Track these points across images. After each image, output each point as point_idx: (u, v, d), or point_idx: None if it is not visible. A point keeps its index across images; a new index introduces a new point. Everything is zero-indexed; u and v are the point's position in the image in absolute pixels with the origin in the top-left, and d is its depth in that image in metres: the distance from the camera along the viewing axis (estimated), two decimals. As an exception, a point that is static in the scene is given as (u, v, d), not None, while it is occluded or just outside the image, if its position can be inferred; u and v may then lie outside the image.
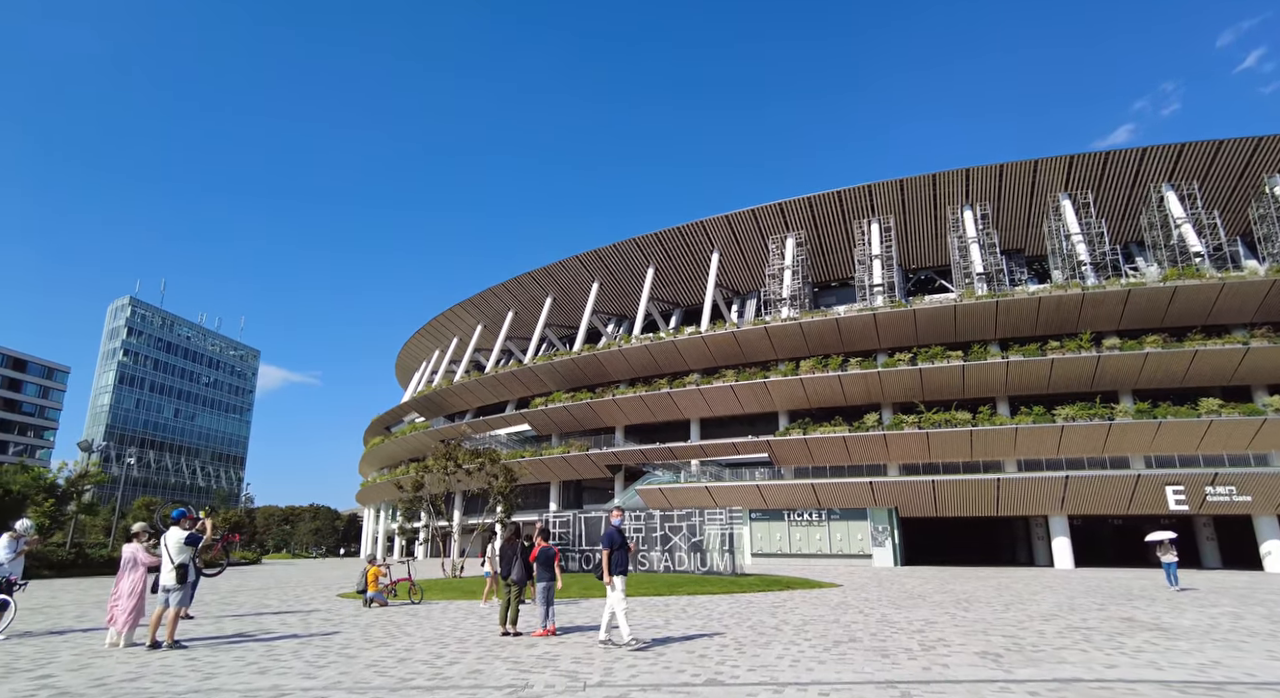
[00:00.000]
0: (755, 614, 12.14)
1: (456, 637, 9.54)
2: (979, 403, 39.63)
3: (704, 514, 21.72)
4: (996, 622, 10.94)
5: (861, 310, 41.02)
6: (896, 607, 13.44)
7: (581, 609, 13.33)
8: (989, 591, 17.82)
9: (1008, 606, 13.71)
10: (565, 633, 9.84)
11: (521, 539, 10.16)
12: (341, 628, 10.79)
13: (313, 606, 15.02)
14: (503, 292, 60.47)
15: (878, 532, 34.32)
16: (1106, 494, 32.26)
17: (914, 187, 44.28)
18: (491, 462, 25.88)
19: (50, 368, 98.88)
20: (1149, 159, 40.10)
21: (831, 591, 17.81)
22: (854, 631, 9.83)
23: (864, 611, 12.72)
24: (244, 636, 9.96)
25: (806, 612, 12.58)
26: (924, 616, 11.82)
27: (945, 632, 9.74)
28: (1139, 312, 36.84)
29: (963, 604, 13.98)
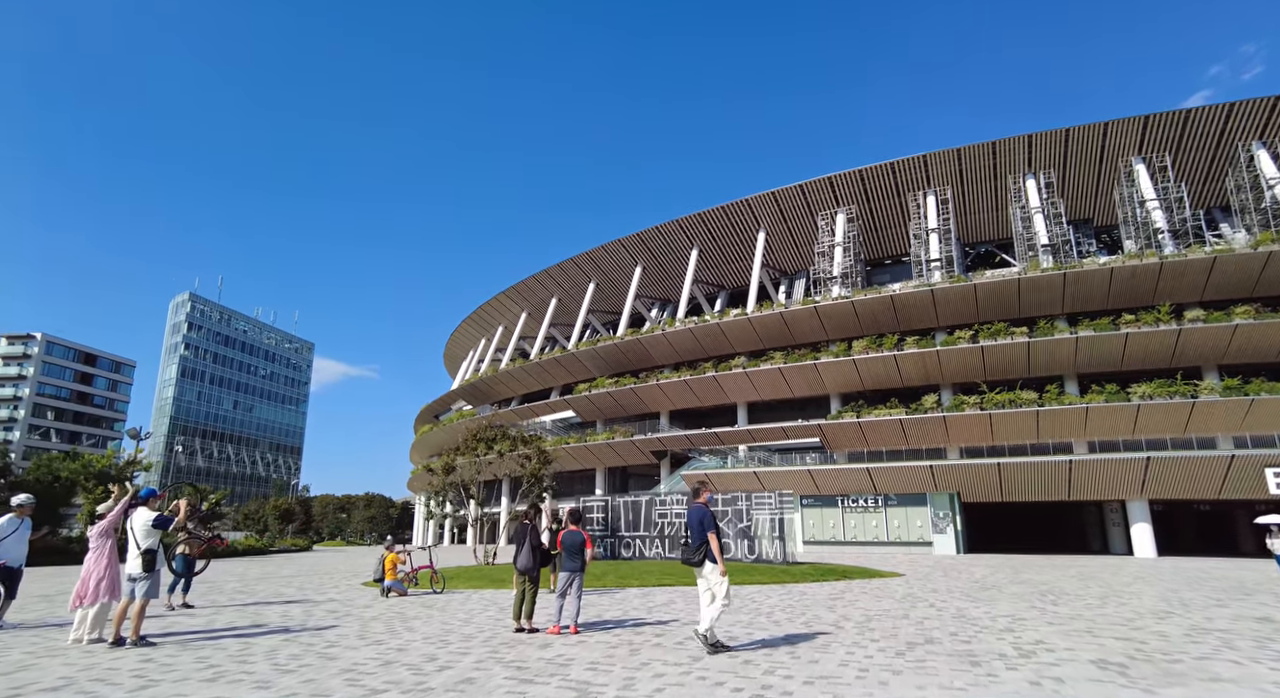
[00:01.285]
0: (810, 608, 10.94)
1: (464, 634, 8.58)
2: (1045, 382, 37.32)
3: (752, 498, 20.38)
4: (1099, 620, 9.41)
5: (918, 287, 39.05)
6: (972, 599, 12.10)
7: (615, 601, 12.30)
8: (1072, 581, 16.19)
9: (1102, 600, 12.12)
10: (590, 630, 8.79)
11: (536, 520, 9.03)
12: (343, 621, 9.88)
13: (329, 595, 14.15)
14: (546, 279, 60.05)
15: (938, 518, 32.62)
16: (1194, 477, 29.74)
17: (972, 155, 41.88)
18: (524, 443, 25.08)
19: (118, 362, 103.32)
20: (1237, 115, 36.90)
21: (893, 580, 16.44)
22: (929, 629, 8.57)
23: (935, 604, 11.31)
24: (232, 629, 9.07)
25: (869, 605, 11.26)
26: (1007, 610, 10.44)
27: (1040, 631, 8.37)
28: (1226, 281, 34.01)
29: (1048, 597, 12.52)
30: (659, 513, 20.71)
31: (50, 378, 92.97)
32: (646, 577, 16.29)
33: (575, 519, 9.11)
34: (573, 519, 9.14)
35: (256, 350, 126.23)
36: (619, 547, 21.35)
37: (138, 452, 32.53)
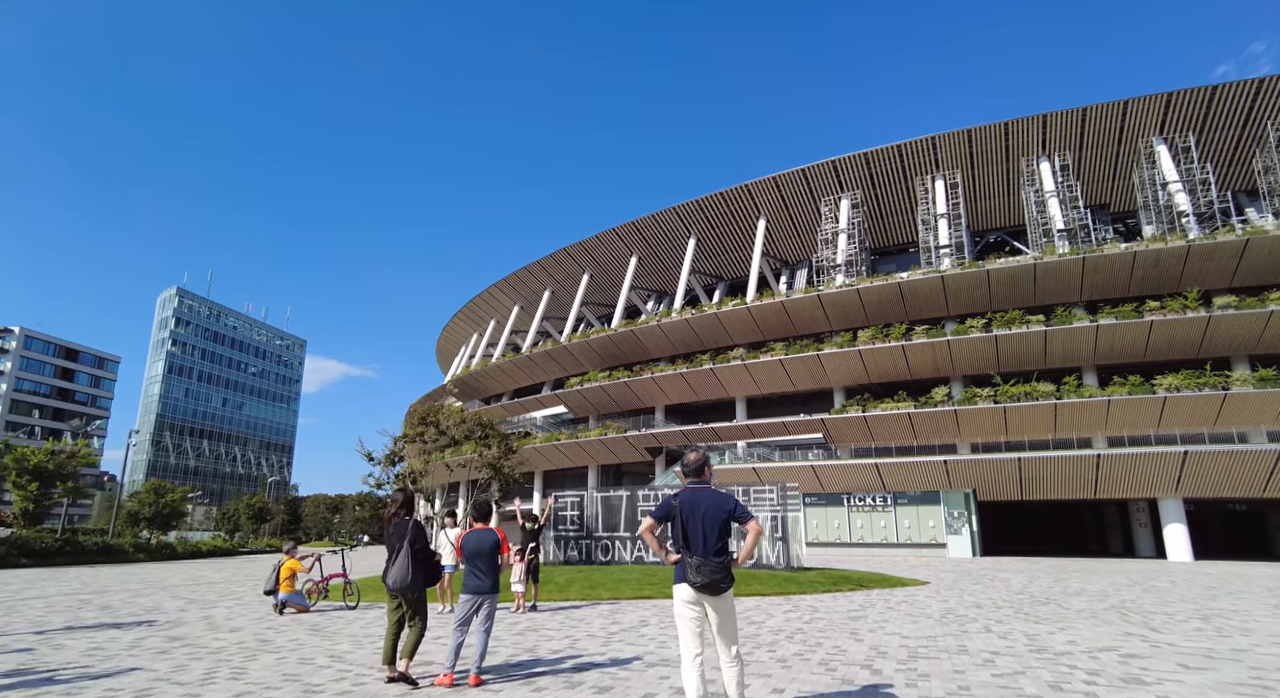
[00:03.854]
0: (828, 634, 8.34)
1: (310, 684, 5.79)
2: (1063, 373, 35.14)
3: (749, 493, 17.78)
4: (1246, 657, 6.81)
5: (927, 273, 36.88)
6: (1033, 619, 9.55)
7: (569, 621, 9.59)
8: (1135, 592, 13.70)
9: (1205, 619, 9.52)
10: (506, 677, 6.02)
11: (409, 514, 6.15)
12: (155, 661, 6.93)
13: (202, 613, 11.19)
14: (538, 270, 57.88)
15: (953, 518, 30.40)
16: (1235, 473, 27.44)
17: (983, 136, 39.71)
18: (483, 428, 22.67)
19: (101, 358, 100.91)
20: (1266, 92, 34.74)
21: (919, 591, 13.96)
22: (1015, 680, 5.76)
23: (991, 628, 8.72)
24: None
25: (903, 628, 8.67)
26: (1094, 638, 7.91)
27: (1185, 683, 5.67)
28: (1258, 265, 31.86)
29: (1129, 615, 9.95)
30: (642, 511, 18.34)
31: (29, 373, 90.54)
32: (620, 587, 13.88)
33: (483, 515, 6.33)
34: (479, 514, 6.33)
35: (247, 347, 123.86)
36: (595, 550, 18.86)
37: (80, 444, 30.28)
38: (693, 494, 4.46)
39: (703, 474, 4.63)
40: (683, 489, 4.60)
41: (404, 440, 21.98)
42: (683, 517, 4.38)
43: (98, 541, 26.98)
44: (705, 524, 4.32)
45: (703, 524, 4.32)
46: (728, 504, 4.39)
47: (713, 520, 4.32)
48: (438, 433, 21.71)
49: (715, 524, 4.32)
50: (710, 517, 4.33)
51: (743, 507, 4.42)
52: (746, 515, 4.32)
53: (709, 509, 4.36)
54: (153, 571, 22.98)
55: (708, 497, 4.44)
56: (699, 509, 4.36)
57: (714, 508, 4.37)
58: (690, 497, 4.43)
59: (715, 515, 4.33)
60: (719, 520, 4.33)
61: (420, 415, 22.24)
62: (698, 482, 4.57)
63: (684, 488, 4.59)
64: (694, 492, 4.47)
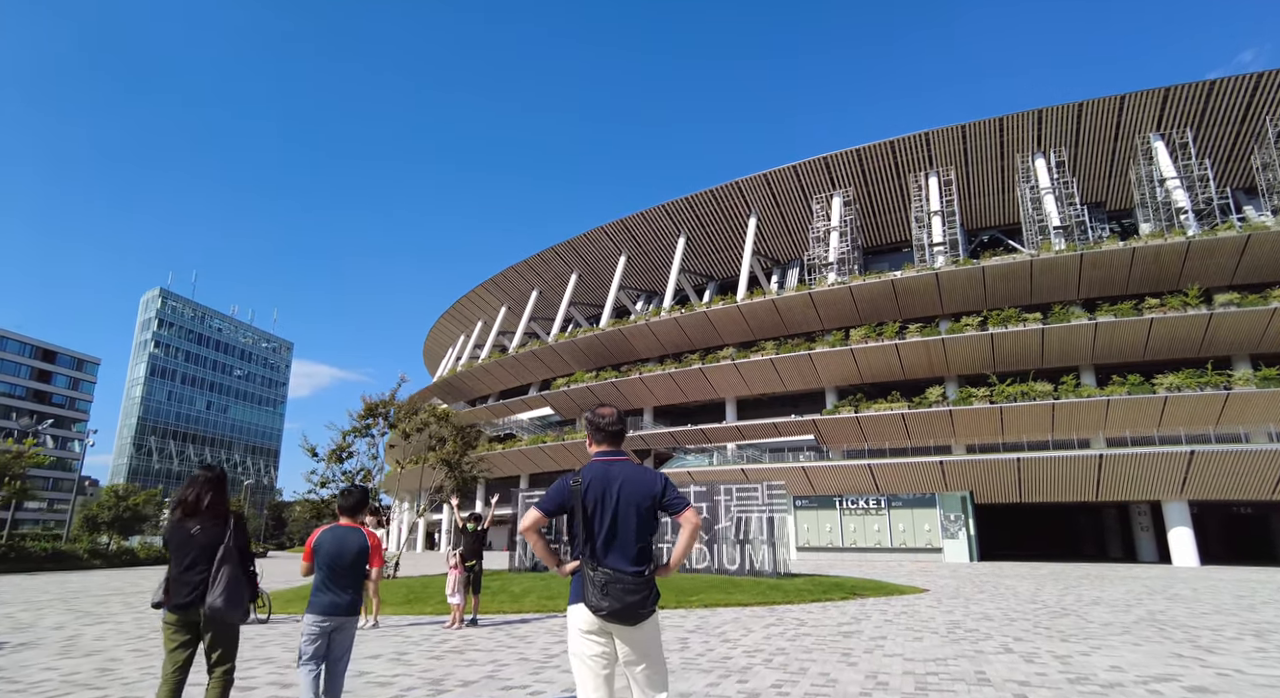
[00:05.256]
0: (815, 655, 7.05)
1: None
2: (1060, 373, 34.24)
3: (733, 492, 16.37)
4: None
5: (921, 271, 35.95)
6: (1056, 635, 8.30)
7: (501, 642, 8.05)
8: (1159, 601, 12.40)
9: (1259, 636, 8.25)
10: None
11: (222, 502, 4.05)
12: None
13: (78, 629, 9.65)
14: (526, 270, 56.71)
15: (949, 521, 29.32)
16: (1244, 475, 26.42)
17: (977, 132, 38.90)
18: (438, 420, 21.40)
19: (80, 359, 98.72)
20: (1265, 87, 34.06)
21: (918, 599, 12.74)
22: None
23: (1010, 646, 7.45)
24: None
25: (905, 648, 7.39)
26: (1144, 663, 6.53)
27: None
28: (1259, 262, 31.08)
29: (1165, 631, 8.64)
30: None
31: (3, 375, 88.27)
32: None
33: (353, 507, 4.60)
34: (347, 509, 4.60)
35: (232, 349, 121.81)
36: (565, 554, 17.40)
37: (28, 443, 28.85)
38: (604, 471, 2.99)
39: (618, 441, 3.15)
40: (589, 463, 3.10)
41: (353, 434, 20.61)
42: (586, 504, 2.92)
43: (46, 546, 25.43)
44: (619, 515, 2.90)
45: (615, 515, 2.90)
46: (654, 485, 2.98)
47: (631, 509, 2.91)
48: (389, 426, 20.40)
49: (634, 515, 2.91)
50: (628, 504, 2.91)
51: (675, 489, 3.01)
52: (680, 502, 2.96)
53: (626, 493, 2.93)
54: (91, 578, 21.35)
55: (625, 475, 2.98)
56: (611, 493, 2.93)
57: (634, 491, 2.93)
58: (599, 475, 2.98)
59: (635, 502, 2.92)
60: (641, 509, 2.92)
61: (369, 407, 20.89)
62: (611, 452, 3.10)
63: (591, 461, 3.10)
64: (606, 467, 3.01)
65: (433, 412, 21.58)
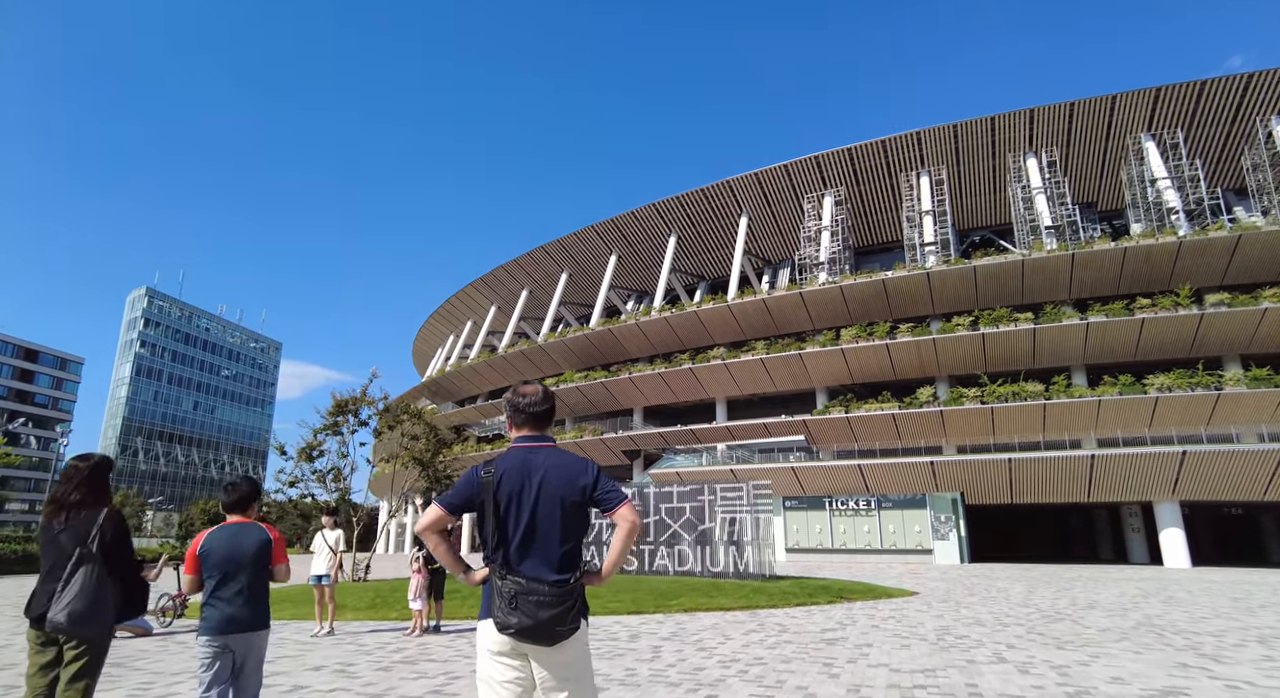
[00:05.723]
0: (793, 665, 6.56)
1: None
2: (1051, 373, 34.03)
3: (717, 491, 15.90)
4: None
5: (912, 271, 35.73)
6: (1053, 643, 7.80)
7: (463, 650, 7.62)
8: (1157, 605, 11.95)
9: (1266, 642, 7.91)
10: None
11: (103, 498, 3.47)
12: None
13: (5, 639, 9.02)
14: (516, 269, 56.25)
15: (940, 522, 29.02)
16: (1236, 475, 26.15)
17: (969, 132, 38.73)
18: (412, 418, 20.90)
19: (64, 359, 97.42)
20: (1255, 87, 34.03)
21: (907, 602, 12.35)
22: None
23: (1004, 655, 6.98)
24: None
25: (891, 657, 6.93)
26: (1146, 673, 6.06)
27: None
28: (1250, 263, 30.99)
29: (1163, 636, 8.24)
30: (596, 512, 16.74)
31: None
32: None
33: (240, 504, 3.73)
34: (232, 504, 3.74)
35: (219, 349, 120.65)
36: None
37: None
38: (523, 460, 2.48)
39: (543, 424, 2.63)
40: (507, 451, 2.59)
41: (324, 432, 20.04)
42: (499, 499, 2.43)
43: (17, 548, 24.74)
44: (540, 512, 2.41)
45: (534, 512, 2.41)
46: (583, 476, 2.48)
47: (554, 505, 2.42)
48: (359, 423, 19.85)
49: (558, 512, 2.42)
50: (551, 498, 2.42)
51: (610, 481, 2.53)
52: (615, 496, 2.47)
53: (549, 486, 2.43)
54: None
55: (549, 464, 2.48)
56: (531, 486, 2.43)
57: (558, 483, 2.44)
58: (517, 464, 2.47)
59: (560, 496, 2.43)
60: (566, 505, 2.43)
61: (338, 404, 20.32)
62: (534, 437, 2.59)
63: (509, 449, 2.60)
64: (526, 455, 2.50)
65: (405, 409, 21.07)
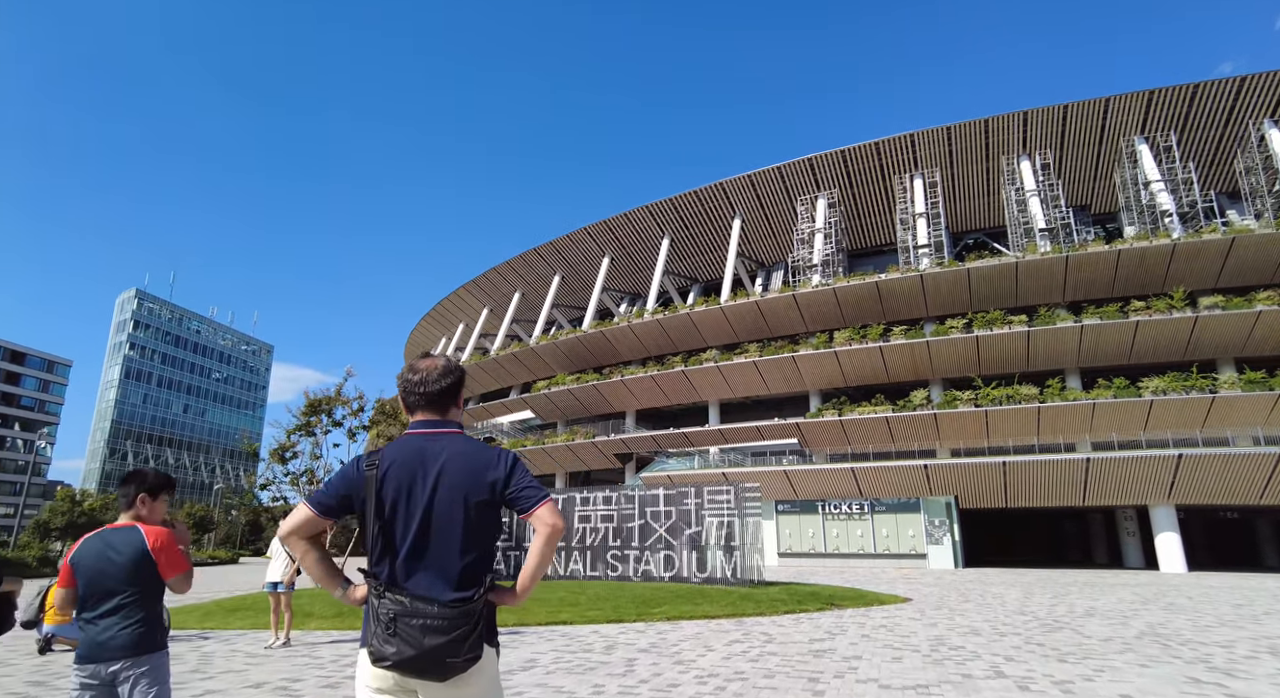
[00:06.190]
0: (776, 682, 6.09)
1: None
2: (1046, 376, 33.83)
3: (704, 494, 15.45)
4: None
5: (906, 273, 35.51)
6: (1053, 654, 7.36)
7: None
8: (1158, 613, 11.52)
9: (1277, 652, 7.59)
10: None
11: None
12: None
13: None
14: (508, 271, 55.86)
15: (933, 526, 28.74)
16: (1232, 478, 25.90)
17: (963, 134, 38.60)
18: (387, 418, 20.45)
19: (51, 361, 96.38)
20: (1248, 91, 33.99)
21: (899, 609, 11.97)
22: None
23: (1001, 668, 6.54)
24: None
25: (882, 671, 6.45)
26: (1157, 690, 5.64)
27: None
28: (1244, 265, 30.87)
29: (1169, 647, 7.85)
30: (579, 515, 16.18)
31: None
32: (534, 609, 11.20)
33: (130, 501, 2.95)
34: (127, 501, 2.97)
35: (210, 352, 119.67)
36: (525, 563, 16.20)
37: None
38: (417, 449, 2.00)
39: (444, 405, 2.11)
40: (399, 438, 2.11)
41: (297, 432, 19.58)
42: (384, 496, 1.96)
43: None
44: (436, 513, 1.95)
45: (429, 513, 1.95)
46: (493, 469, 2.00)
47: (456, 504, 1.96)
48: (333, 424, 19.39)
49: (460, 513, 1.96)
50: (451, 497, 1.96)
51: (527, 475, 2.04)
52: (532, 494, 2.00)
53: (450, 480, 1.97)
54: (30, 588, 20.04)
55: (450, 454, 2.00)
56: (425, 481, 1.97)
57: (461, 478, 1.98)
58: (410, 454, 2.00)
59: (463, 493, 1.97)
60: (471, 504, 1.97)
61: (311, 403, 19.86)
62: (433, 422, 2.09)
63: (402, 435, 2.11)
64: (422, 443, 2.02)
65: (381, 409, 20.65)
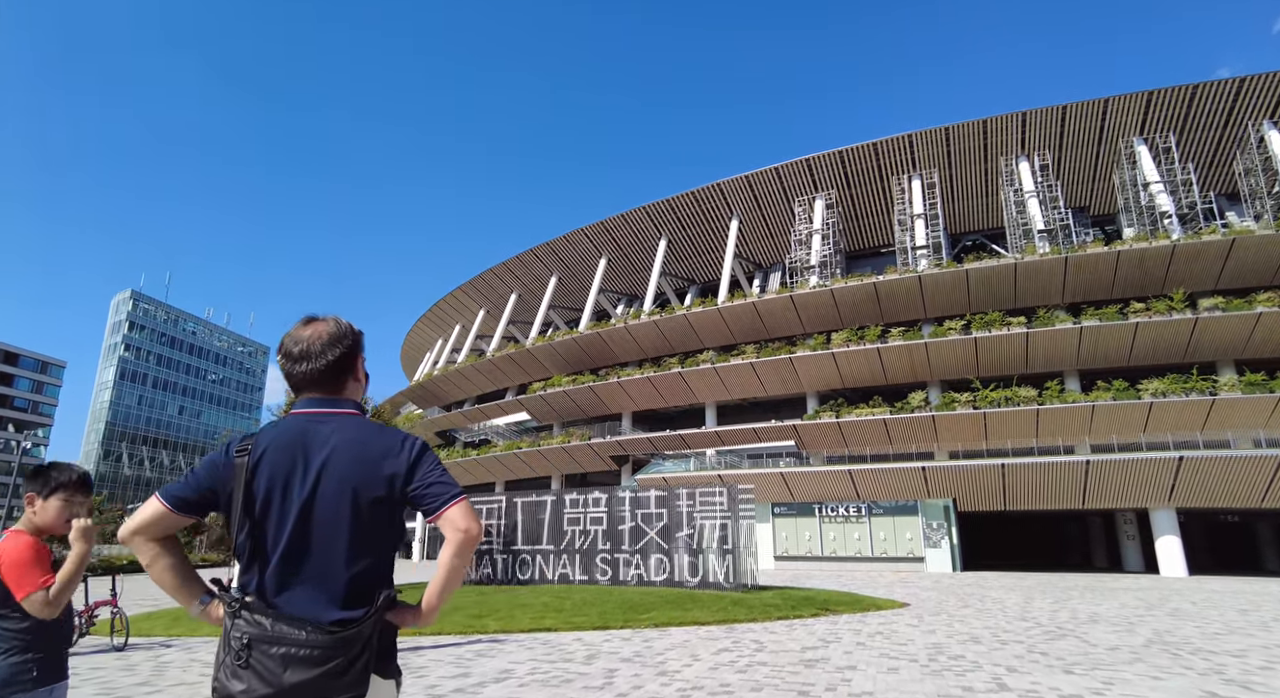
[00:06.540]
0: (762, 695, 5.79)
1: None
2: (1045, 378, 33.55)
3: (694, 497, 15.09)
4: None
5: (904, 274, 35.25)
6: (1058, 664, 7.03)
7: None
8: (1164, 619, 11.12)
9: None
10: None
11: None
12: None
13: None
14: (505, 272, 55.55)
15: (931, 529, 28.42)
16: (1234, 481, 25.53)
17: (961, 135, 38.40)
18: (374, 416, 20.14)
19: (45, 362, 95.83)
20: (1247, 92, 33.82)
21: (896, 615, 11.59)
22: None
23: (1003, 679, 6.24)
24: None
25: (876, 682, 6.17)
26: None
27: None
28: (1244, 267, 30.65)
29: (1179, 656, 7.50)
30: (569, 518, 15.84)
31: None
32: (517, 615, 10.76)
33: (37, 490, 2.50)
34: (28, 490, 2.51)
35: (206, 353, 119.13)
36: (515, 566, 16.19)
37: None
38: (299, 432, 1.66)
39: (338, 382, 1.78)
40: (281, 419, 1.78)
41: None
42: (255, 490, 1.61)
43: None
44: (318, 511, 1.60)
45: (308, 510, 1.60)
46: (392, 457, 1.65)
47: (343, 501, 1.61)
48: None
49: (349, 511, 1.60)
50: (338, 491, 1.61)
51: (435, 467, 1.69)
52: (442, 491, 1.65)
53: (338, 471, 1.62)
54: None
55: (341, 439, 1.66)
56: (309, 470, 1.62)
57: (353, 466, 1.63)
58: (291, 437, 1.65)
59: (353, 486, 1.62)
60: (364, 501, 1.62)
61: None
62: (323, 401, 1.75)
63: (286, 416, 1.76)
64: (307, 425, 1.68)
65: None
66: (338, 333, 1.77)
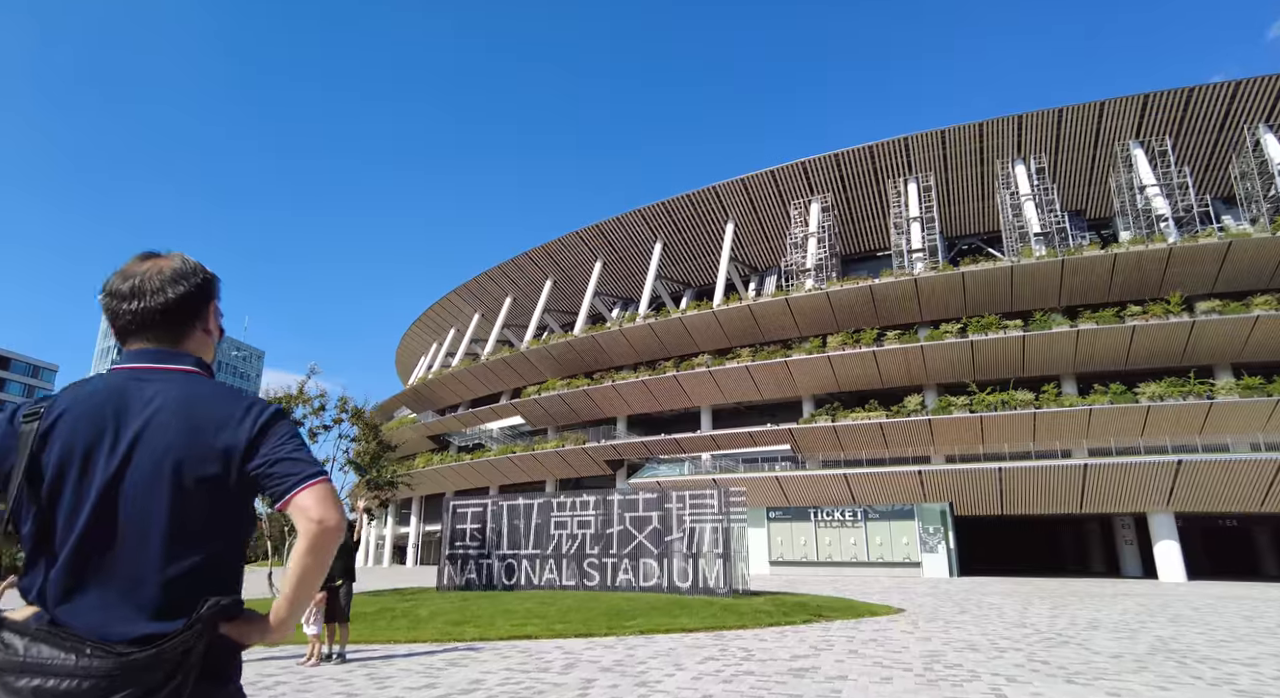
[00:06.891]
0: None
1: None
2: (1041, 382, 33.30)
3: (685, 500, 14.79)
4: None
5: (899, 277, 35.05)
6: (1060, 673, 6.72)
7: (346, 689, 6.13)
8: (1166, 626, 10.77)
9: None
10: None
11: None
12: None
13: None
14: (499, 276, 55.31)
15: (928, 534, 28.11)
16: (1233, 485, 25.25)
17: (957, 138, 38.30)
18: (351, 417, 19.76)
19: (36, 366, 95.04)
20: (1243, 95, 33.77)
21: (892, 622, 11.26)
22: None
23: (1002, 691, 5.94)
24: None
25: (869, 694, 5.87)
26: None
27: None
28: (1241, 270, 30.50)
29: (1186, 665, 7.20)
30: (556, 521, 15.50)
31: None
32: (496, 622, 10.40)
33: None
34: None
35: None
36: (498, 571, 15.82)
37: None
38: (116, 391, 1.28)
39: (180, 331, 1.41)
40: (92, 377, 1.33)
41: None
42: (44, 466, 1.22)
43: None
44: (125, 490, 1.22)
45: (110, 489, 1.21)
46: (229, 428, 1.29)
47: (161, 479, 1.22)
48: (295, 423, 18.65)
49: (162, 489, 1.22)
50: (153, 465, 1.23)
51: (288, 437, 1.34)
52: (290, 468, 1.28)
53: (156, 440, 1.24)
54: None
55: (167, 399, 1.28)
56: (119, 440, 1.23)
57: (175, 436, 1.25)
58: (102, 399, 1.26)
59: (175, 460, 1.24)
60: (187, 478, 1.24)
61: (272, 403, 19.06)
62: (155, 353, 1.37)
63: (110, 369, 1.35)
64: (126, 383, 1.30)
65: (343, 407, 19.95)
66: (183, 269, 1.41)
